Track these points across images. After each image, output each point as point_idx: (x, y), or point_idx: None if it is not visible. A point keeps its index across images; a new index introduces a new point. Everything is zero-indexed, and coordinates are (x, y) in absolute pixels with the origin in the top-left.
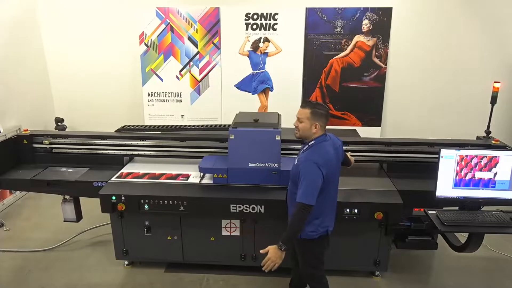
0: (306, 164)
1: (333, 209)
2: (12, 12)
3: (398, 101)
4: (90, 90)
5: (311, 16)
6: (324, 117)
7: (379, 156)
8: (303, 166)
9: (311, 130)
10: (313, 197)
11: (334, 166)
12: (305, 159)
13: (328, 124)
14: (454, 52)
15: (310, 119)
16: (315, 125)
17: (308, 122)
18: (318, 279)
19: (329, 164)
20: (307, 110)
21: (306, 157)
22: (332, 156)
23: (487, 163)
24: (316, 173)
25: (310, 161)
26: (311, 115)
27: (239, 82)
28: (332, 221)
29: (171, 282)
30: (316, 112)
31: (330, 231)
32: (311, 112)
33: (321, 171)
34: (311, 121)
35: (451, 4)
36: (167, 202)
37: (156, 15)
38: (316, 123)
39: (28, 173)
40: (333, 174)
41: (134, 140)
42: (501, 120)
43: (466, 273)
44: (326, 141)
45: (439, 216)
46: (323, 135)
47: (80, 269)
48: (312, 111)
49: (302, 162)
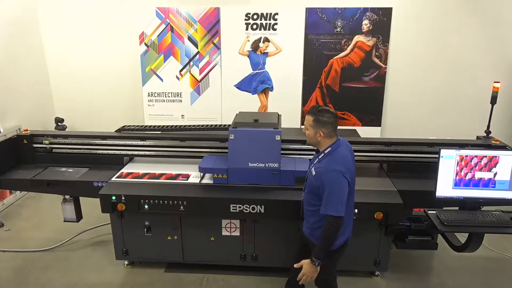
0: (330, 174)
1: (352, 216)
2: (12, 12)
3: (398, 101)
4: (90, 90)
5: (311, 16)
6: (329, 124)
7: (379, 156)
8: (327, 177)
9: (316, 137)
10: (343, 207)
11: (353, 170)
12: (326, 169)
13: None
14: (454, 52)
15: (313, 127)
16: (319, 132)
17: (312, 130)
18: (331, 283)
19: (350, 169)
20: (310, 118)
21: (327, 166)
22: (350, 160)
23: (487, 163)
24: (343, 182)
25: (334, 171)
26: (314, 123)
27: (239, 82)
28: (351, 229)
29: (171, 282)
30: (319, 120)
31: (349, 239)
32: (313, 120)
33: (347, 179)
34: (314, 129)
35: (451, 4)
36: (167, 202)
37: (156, 15)
38: (320, 131)
39: (28, 173)
40: (353, 179)
41: (134, 140)
42: (501, 120)
43: (466, 273)
44: (341, 146)
45: (439, 216)
46: (337, 141)
47: (80, 269)
48: (315, 119)
49: (324, 172)
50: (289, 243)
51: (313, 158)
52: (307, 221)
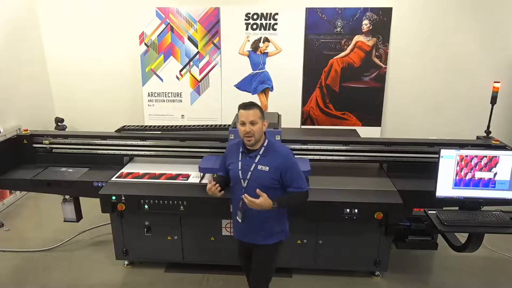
0: (290, 157)
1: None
2: (12, 12)
3: (398, 101)
4: (90, 90)
5: (311, 16)
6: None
7: (379, 156)
8: (289, 161)
9: (263, 130)
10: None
11: None
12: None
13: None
14: (454, 52)
15: (261, 118)
16: (264, 124)
17: (261, 122)
18: (269, 280)
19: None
20: (256, 110)
21: (282, 153)
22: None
23: (487, 163)
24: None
25: (289, 153)
26: (261, 114)
27: (239, 82)
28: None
29: (171, 282)
30: (262, 110)
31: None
32: (260, 110)
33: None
34: (262, 121)
35: (451, 4)
36: (167, 202)
37: (156, 15)
38: (264, 121)
39: (28, 173)
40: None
41: (134, 140)
42: (501, 120)
43: (466, 273)
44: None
45: (439, 216)
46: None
47: (80, 269)
48: (260, 109)
49: (284, 159)
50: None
51: (244, 158)
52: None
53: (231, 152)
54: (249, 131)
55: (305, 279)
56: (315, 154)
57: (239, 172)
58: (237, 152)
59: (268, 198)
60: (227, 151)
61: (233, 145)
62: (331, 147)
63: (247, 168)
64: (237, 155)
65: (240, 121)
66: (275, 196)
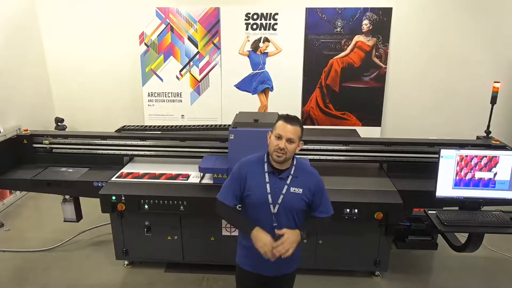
0: (320, 179)
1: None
2: (12, 12)
3: (398, 101)
4: (90, 90)
5: (311, 16)
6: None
7: (379, 156)
8: (320, 183)
9: (296, 151)
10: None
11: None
12: (315, 177)
13: (328, 124)
14: (454, 52)
15: (300, 138)
16: (300, 144)
17: (297, 142)
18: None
19: None
20: (298, 128)
21: (313, 175)
22: None
23: (487, 163)
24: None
25: (318, 175)
26: (301, 134)
27: (239, 82)
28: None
29: (171, 282)
30: (303, 129)
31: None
32: (301, 130)
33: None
34: (299, 141)
35: (451, 4)
36: (167, 202)
37: (156, 15)
38: (301, 141)
39: (28, 173)
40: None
41: (134, 140)
42: (501, 120)
43: (466, 273)
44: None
45: (439, 216)
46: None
47: (80, 269)
48: (302, 129)
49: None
50: None
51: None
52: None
53: (251, 173)
54: (283, 148)
55: (305, 279)
56: (315, 154)
57: (268, 196)
58: (260, 172)
59: (293, 232)
60: (244, 172)
61: (250, 163)
62: (331, 147)
63: (278, 191)
64: (261, 175)
65: (277, 134)
66: (301, 226)
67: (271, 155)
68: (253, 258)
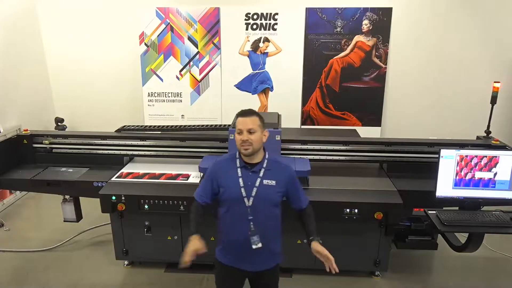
0: (293, 171)
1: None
2: (12, 12)
3: (398, 101)
4: (90, 90)
5: (311, 16)
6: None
7: (379, 156)
8: (293, 174)
9: (262, 141)
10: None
11: None
12: (287, 168)
13: (328, 124)
14: (454, 52)
15: (261, 127)
16: (264, 134)
17: (260, 131)
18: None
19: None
20: (255, 117)
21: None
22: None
23: (487, 163)
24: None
25: (292, 165)
26: (261, 122)
27: (239, 82)
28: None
29: (171, 282)
30: (263, 119)
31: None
32: (260, 118)
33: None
34: (262, 129)
35: (451, 4)
36: (167, 202)
37: (156, 15)
38: (264, 132)
39: (28, 173)
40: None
41: (134, 140)
42: (501, 120)
43: (466, 273)
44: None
45: (439, 216)
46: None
47: (80, 269)
48: (260, 118)
49: (288, 172)
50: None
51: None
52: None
53: (222, 170)
54: (246, 140)
55: (305, 279)
56: (315, 154)
57: (241, 190)
58: (233, 168)
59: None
60: (215, 171)
61: (221, 162)
62: (331, 147)
63: (251, 185)
64: (234, 171)
65: (237, 130)
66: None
67: (240, 151)
68: (233, 253)
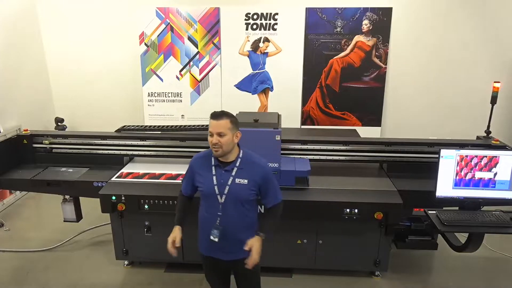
0: (267, 169)
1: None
2: (12, 12)
3: (398, 101)
4: (90, 90)
5: (311, 16)
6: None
7: (379, 156)
8: (267, 173)
9: (233, 142)
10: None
11: None
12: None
13: (328, 124)
14: (454, 52)
15: (231, 130)
16: (236, 135)
17: (230, 134)
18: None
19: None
20: (227, 120)
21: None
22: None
23: (487, 163)
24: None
25: (266, 165)
26: (232, 125)
27: (239, 82)
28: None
29: (171, 282)
30: (236, 121)
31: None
32: (231, 121)
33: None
34: (232, 132)
35: (451, 4)
36: (167, 202)
37: (156, 15)
38: (236, 133)
39: (28, 173)
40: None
41: (134, 140)
42: (501, 120)
43: (466, 273)
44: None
45: (439, 216)
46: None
47: (80, 269)
48: (232, 120)
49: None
50: (289, 243)
51: (218, 172)
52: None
53: (199, 167)
54: (216, 143)
55: (305, 279)
56: (315, 154)
57: (214, 187)
58: (208, 166)
59: (256, 240)
60: (193, 166)
61: (199, 158)
62: (331, 147)
63: (223, 183)
64: (209, 168)
65: (209, 132)
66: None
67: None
68: (205, 241)
